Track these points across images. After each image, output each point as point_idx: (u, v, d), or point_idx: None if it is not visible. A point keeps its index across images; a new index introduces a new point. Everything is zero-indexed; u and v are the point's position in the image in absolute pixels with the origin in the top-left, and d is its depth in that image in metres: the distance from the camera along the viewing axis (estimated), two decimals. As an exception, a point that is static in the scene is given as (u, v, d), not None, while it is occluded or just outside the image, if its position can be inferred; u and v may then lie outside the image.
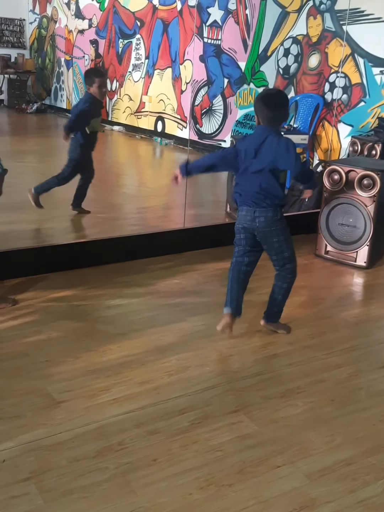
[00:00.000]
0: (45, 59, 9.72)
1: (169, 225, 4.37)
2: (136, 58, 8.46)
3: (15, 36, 9.46)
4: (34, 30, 9.63)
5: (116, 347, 2.67)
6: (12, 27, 9.41)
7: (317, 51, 5.95)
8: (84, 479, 1.85)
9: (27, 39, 9.62)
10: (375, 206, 3.79)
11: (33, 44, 9.69)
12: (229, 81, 7.07)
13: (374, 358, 2.74)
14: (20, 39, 9.53)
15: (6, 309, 2.98)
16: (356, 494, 1.87)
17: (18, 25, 9.45)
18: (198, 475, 1.90)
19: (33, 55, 9.74)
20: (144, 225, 4.58)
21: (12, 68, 9.36)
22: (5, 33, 9.29)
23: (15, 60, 9.39)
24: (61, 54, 9.55)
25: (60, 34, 9.45)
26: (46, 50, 9.67)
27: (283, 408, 2.30)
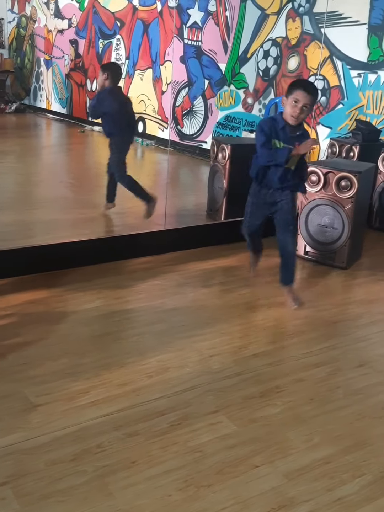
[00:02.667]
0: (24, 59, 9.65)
1: (149, 226, 4.36)
2: (116, 59, 8.43)
3: (-6, 36, 9.38)
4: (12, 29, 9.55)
5: (94, 349, 2.66)
6: (-9, 27, 9.31)
7: (296, 54, 6.00)
8: (62, 482, 1.84)
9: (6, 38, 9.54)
10: (352, 207, 3.83)
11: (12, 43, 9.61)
12: (209, 82, 7.09)
13: (352, 357, 2.77)
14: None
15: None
16: (333, 492, 1.89)
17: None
18: (177, 477, 1.90)
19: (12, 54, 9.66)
20: (124, 226, 4.56)
21: (-9, 67, 9.27)
22: (-17, 32, 9.20)
23: (-7, 60, 9.31)
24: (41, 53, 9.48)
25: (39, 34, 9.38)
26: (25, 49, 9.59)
27: (262, 407, 2.31)
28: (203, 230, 4.28)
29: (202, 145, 7.20)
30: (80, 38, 8.96)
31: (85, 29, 8.85)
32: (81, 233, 4.15)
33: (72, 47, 9.08)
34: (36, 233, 4.23)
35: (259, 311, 3.21)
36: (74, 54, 9.08)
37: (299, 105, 2.89)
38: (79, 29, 8.95)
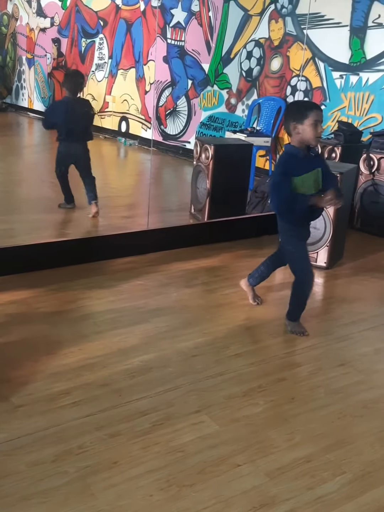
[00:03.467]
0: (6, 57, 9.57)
1: (132, 226, 4.36)
2: (99, 58, 8.40)
3: (-25, 34, 9.28)
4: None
5: (77, 350, 2.65)
6: (-28, 24, 9.21)
7: (279, 55, 6.03)
8: (43, 483, 1.83)
9: (-13, 36, 9.44)
10: (335, 208, 3.85)
11: (-6, 41, 9.53)
12: (193, 82, 7.10)
13: (334, 356, 2.79)
14: (-20, 36, 9.35)
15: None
16: (314, 491, 1.90)
17: (-22, 22, 9.26)
18: (159, 477, 1.90)
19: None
20: (107, 226, 4.55)
21: (-28, 66, 9.17)
22: (-36, 30, 9.10)
23: (-25, 58, 9.21)
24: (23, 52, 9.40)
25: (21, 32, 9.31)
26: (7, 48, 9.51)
27: (244, 407, 2.32)
28: (186, 230, 4.29)
29: (186, 145, 7.21)
30: (62, 37, 8.91)
31: (68, 28, 8.81)
32: (63, 233, 4.14)
33: (54, 45, 9.02)
34: (17, 232, 4.21)
35: (242, 311, 3.22)
36: (57, 53, 9.02)
37: (320, 124, 2.75)
38: (61, 27, 8.90)
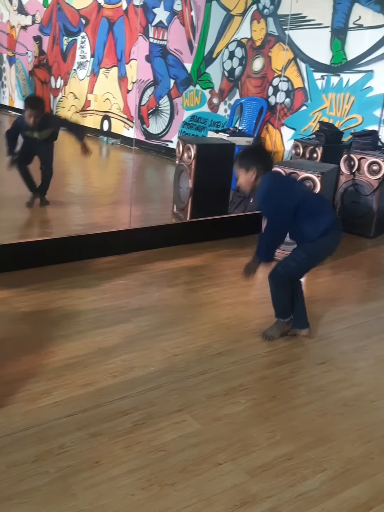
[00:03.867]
0: (-13, 55, 9.47)
1: (115, 225, 4.34)
2: (81, 56, 8.36)
3: None
4: (-26, 25, 9.37)
5: (58, 349, 2.63)
6: None
7: (261, 55, 6.06)
8: (23, 484, 1.82)
9: (-32, 33, 9.33)
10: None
11: (-26, 39, 9.42)
12: (175, 82, 7.10)
13: (314, 355, 2.82)
14: None
15: None
16: (295, 488, 1.92)
17: None
18: (141, 476, 1.90)
19: (-26, 50, 9.47)
20: (89, 225, 4.53)
21: None
22: None
23: None
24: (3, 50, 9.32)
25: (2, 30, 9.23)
26: (-13, 45, 9.42)
27: (226, 406, 2.33)
28: (168, 230, 4.29)
29: (168, 145, 7.21)
30: (44, 35, 8.85)
31: (49, 26, 8.75)
32: (44, 232, 4.11)
33: (36, 43, 8.96)
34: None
35: (224, 310, 3.23)
36: (38, 51, 8.96)
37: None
38: (43, 25, 8.84)
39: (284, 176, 2.96)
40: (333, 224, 2.79)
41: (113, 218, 4.81)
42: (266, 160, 2.82)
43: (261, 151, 2.92)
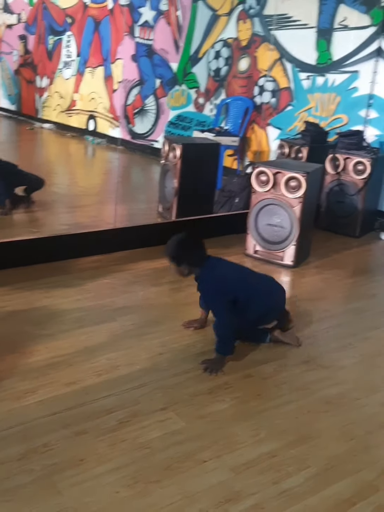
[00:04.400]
0: (-29, 53, 9.40)
1: (100, 224, 4.33)
2: (66, 56, 8.33)
3: None
4: None
5: (43, 348, 2.62)
6: None
7: (247, 55, 6.08)
8: (8, 482, 1.81)
9: None
10: (301, 207, 3.92)
11: None
12: (161, 81, 7.10)
13: (298, 353, 2.84)
14: None
15: None
16: (279, 485, 1.93)
17: None
18: (126, 473, 1.90)
19: None
20: (74, 225, 4.51)
21: None
22: None
23: None
24: (-12, 48, 9.27)
25: (-13, 28, 9.17)
26: (-28, 43, 9.35)
27: (210, 404, 2.34)
28: (153, 229, 4.29)
29: (153, 144, 7.20)
30: (29, 33, 8.80)
31: (35, 25, 8.70)
32: (28, 231, 4.09)
33: (21, 42, 8.90)
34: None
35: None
36: (24, 50, 8.90)
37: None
38: (28, 24, 8.79)
39: (220, 267, 2.72)
40: (272, 307, 2.85)
41: (98, 218, 4.79)
42: (197, 252, 2.69)
43: (189, 245, 2.71)
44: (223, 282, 2.67)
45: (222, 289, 2.65)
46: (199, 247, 2.72)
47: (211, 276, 2.66)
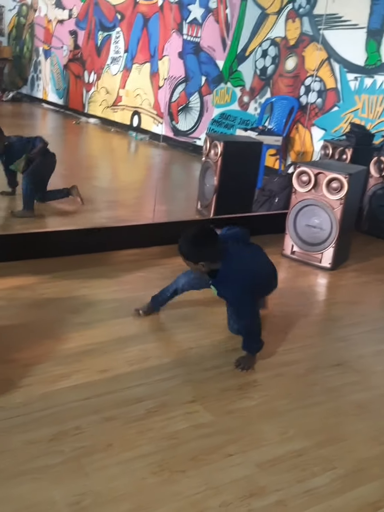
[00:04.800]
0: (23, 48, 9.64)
1: (139, 219, 4.39)
2: (115, 51, 8.44)
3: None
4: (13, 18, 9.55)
5: (78, 336, 2.69)
6: (-9, 13, 9.31)
7: (294, 54, 6.04)
8: (38, 461, 1.87)
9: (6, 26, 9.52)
10: (342, 209, 3.87)
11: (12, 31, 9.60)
12: (206, 79, 7.12)
13: (331, 356, 2.81)
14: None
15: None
16: (304, 483, 1.93)
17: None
18: (152, 461, 1.94)
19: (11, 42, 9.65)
20: (113, 218, 4.59)
21: (-11, 54, 9.26)
22: (-17, 18, 9.19)
23: (-8, 47, 9.30)
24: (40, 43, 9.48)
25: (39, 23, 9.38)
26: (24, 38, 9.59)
27: (239, 400, 2.35)
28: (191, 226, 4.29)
29: (196, 142, 7.24)
30: (80, 29, 8.97)
31: (85, 21, 8.86)
32: (70, 222, 4.18)
33: (71, 37, 9.08)
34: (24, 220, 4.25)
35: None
36: (73, 45, 9.08)
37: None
38: (79, 20, 8.96)
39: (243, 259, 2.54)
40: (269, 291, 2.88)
41: (137, 213, 4.86)
42: (212, 247, 2.47)
43: (202, 242, 2.49)
44: (251, 277, 2.49)
45: (249, 284, 2.46)
46: (213, 241, 2.48)
47: (235, 271, 2.47)
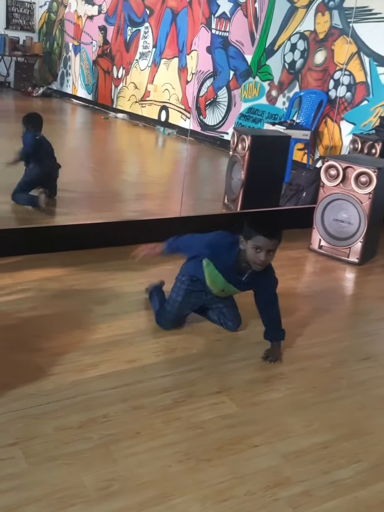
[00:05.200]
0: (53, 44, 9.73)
1: (166, 212, 4.42)
2: (143, 47, 8.48)
3: (25, 19, 9.47)
4: (43, 14, 9.63)
5: (106, 327, 2.74)
6: (22, 10, 9.41)
7: (323, 48, 5.99)
8: (68, 447, 1.92)
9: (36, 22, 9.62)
10: (370, 203, 3.84)
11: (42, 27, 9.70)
12: (234, 73, 7.11)
13: (358, 350, 2.81)
14: (29, 22, 9.53)
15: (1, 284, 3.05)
16: (329, 475, 1.94)
17: (28, 8, 9.45)
18: (178, 449, 1.97)
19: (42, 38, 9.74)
20: (141, 212, 4.63)
21: (20, 51, 9.37)
22: (14, 15, 9.30)
23: (23, 43, 9.40)
24: (69, 39, 9.56)
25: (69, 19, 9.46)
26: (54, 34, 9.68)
27: (265, 392, 2.37)
28: (218, 219, 4.33)
29: (223, 136, 7.23)
30: (109, 24, 9.03)
31: (115, 16, 8.91)
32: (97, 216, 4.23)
33: (100, 33, 9.15)
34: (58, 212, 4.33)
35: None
36: (103, 41, 9.15)
37: (265, 253, 2.43)
38: (108, 15, 9.02)
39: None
40: None
41: (165, 206, 4.89)
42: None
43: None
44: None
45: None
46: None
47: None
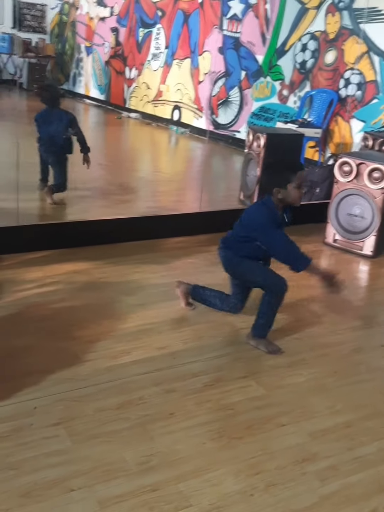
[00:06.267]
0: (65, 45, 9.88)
1: (183, 208, 4.54)
2: (155, 48, 8.61)
3: (37, 21, 9.63)
4: (55, 16, 9.78)
5: (135, 316, 2.86)
6: (34, 12, 9.57)
7: (333, 48, 6.09)
8: (108, 426, 2.05)
9: (48, 24, 9.77)
10: (383, 198, 3.95)
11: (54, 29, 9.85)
12: (246, 73, 7.22)
13: (375, 338, 2.92)
14: (41, 24, 9.69)
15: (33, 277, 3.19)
16: (353, 451, 2.06)
17: (39, 10, 9.61)
18: (211, 429, 2.09)
19: (54, 40, 9.90)
20: (160, 208, 4.76)
21: (33, 52, 9.53)
22: (26, 17, 9.46)
23: (35, 45, 9.56)
24: (81, 40, 9.71)
25: (81, 21, 9.60)
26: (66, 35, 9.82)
27: (289, 376, 2.49)
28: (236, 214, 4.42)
29: (235, 135, 7.35)
30: (121, 26, 9.16)
31: (126, 18, 9.04)
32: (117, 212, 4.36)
33: (112, 34, 9.28)
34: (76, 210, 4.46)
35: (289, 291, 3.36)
36: (115, 42, 9.28)
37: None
38: (120, 17, 9.15)
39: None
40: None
41: (182, 202, 5.01)
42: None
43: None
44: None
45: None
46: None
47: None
